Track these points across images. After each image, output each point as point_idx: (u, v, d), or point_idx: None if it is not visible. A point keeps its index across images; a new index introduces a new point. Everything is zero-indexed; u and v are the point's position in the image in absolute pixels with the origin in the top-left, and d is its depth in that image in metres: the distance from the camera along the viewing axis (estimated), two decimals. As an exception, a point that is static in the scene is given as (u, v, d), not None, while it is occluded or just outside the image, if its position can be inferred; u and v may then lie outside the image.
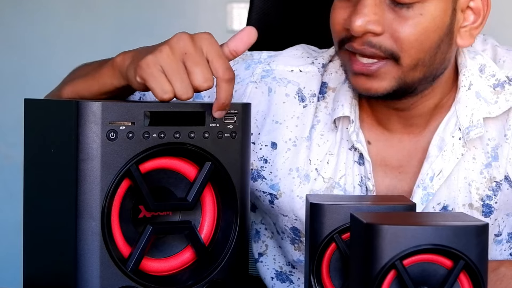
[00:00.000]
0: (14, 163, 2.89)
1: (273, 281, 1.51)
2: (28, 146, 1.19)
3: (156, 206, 1.08)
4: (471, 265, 0.94)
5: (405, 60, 1.25)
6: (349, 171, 1.37)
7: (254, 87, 1.41)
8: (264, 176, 1.41)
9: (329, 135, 1.38)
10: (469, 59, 1.35)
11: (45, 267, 1.15)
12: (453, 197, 1.35)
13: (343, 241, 1.07)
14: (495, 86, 1.35)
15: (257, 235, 1.52)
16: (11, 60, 2.99)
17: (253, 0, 1.73)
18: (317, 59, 1.43)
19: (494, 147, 1.34)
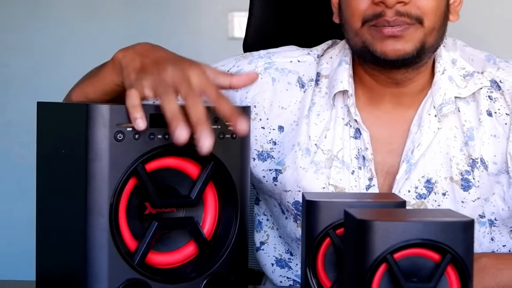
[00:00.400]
0: (27, 162, 2.89)
1: (273, 267, 1.53)
2: (40, 146, 1.19)
3: (161, 203, 1.08)
4: (457, 259, 0.94)
5: (427, 23, 1.33)
6: (346, 144, 1.40)
7: (260, 77, 1.43)
8: (273, 156, 1.45)
9: (325, 114, 1.42)
10: (444, 51, 1.41)
11: (57, 261, 1.15)
12: (435, 170, 1.38)
13: (337, 236, 1.07)
14: (465, 75, 1.40)
15: (260, 225, 1.54)
16: (24, 64, 2.98)
17: (252, 9, 1.74)
18: (312, 51, 1.48)
19: (470, 128, 1.38)
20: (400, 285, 0.94)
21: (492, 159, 1.37)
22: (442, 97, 1.37)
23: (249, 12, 1.74)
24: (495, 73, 1.39)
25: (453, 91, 1.38)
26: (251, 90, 1.43)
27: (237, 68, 1.46)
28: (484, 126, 1.37)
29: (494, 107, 1.38)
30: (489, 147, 1.37)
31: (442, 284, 0.96)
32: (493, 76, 1.39)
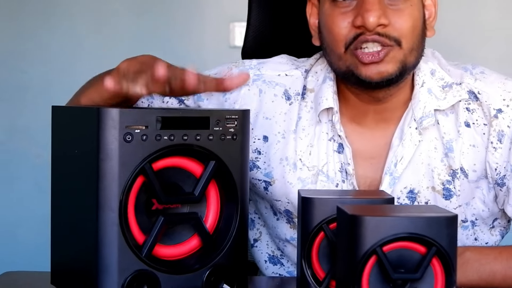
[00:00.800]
0: (43, 161, 2.89)
1: (266, 264, 1.52)
2: (55, 147, 1.19)
3: (167, 200, 1.08)
4: (442, 251, 0.94)
5: (405, 45, 1.30)
6: (330, 159, 1.38)
7: (247, 89, 1.41)
8: (259, 166, 1.42)
9: (309, 129, 1.40)
10: (422, 63, 1.38)
11: (70, 253, 1.15)
12: (418, 180, 1.36)
13: (330, 230, 1.07)
14: (443, 86, 1.37)
15: (252, 223, 1.53)
16: (40, 71, 2.99)
17: (249, 20, 1.74)
18: (300, 66, 1.45)
19: (450, 140, 1.35)
20: (388, 275, 0.94)
21: (472, 168, 1.36)
22: (422, 110, 1.35)
23: (247, 23, 1.74)
24: (473, 84, 1.36)
25: (432, 104, 1.35)
26: (239, 101, 1.41)
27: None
28: (463, 137, 1.35)
29: (472, 118, 1.36)
30: (468, 156, 1.36)
31: (428, 275, 0.96)
32: (470, 87, 1.36)
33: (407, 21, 1.29)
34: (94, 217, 1.04)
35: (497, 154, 1.35)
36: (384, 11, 1.27)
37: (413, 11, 1.30)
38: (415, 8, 1.31)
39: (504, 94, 1.35)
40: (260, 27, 1.74)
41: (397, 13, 1.29)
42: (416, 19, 1.31)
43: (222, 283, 1.11)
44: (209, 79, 1.11)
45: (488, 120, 1.35)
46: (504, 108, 1.34)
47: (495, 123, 1.34)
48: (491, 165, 1.35)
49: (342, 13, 1.29)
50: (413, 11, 1.30)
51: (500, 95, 1.35)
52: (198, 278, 1.09)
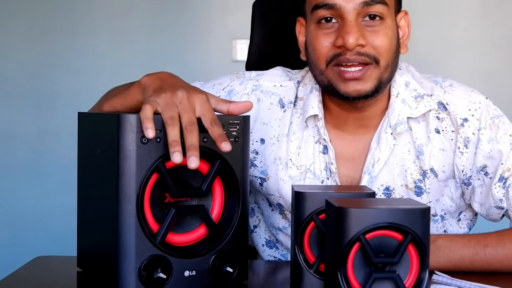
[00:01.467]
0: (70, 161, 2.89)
1: (264, 247, 1.52)
2: (80, 148, 1.19)
3: (178, 194, 1.08)
4: (417, 239, 0.95)
5: (382, 62, 1.29)
6: (316, 159, 1.38)
7: (247, 97, 1.41)
8: (256, 164, 1.42)
9: (299, 133, 1.40)
10: (398, 76, 1.38)
11: (93, 240, 1.15)
12: (393, 179, 1.36)
13: (320, 220, 1.07)
14: (416, 97, 1.36)
15: (252, 212, 1.54)
16: (67, 82, 2.99)
17: (252, 38, 1.74)
18: (293, 77, 1.44)
19: (420, 144, 1.35)
20: (370, 260, 0.94)
21: (441, 169, 1.36)
22: (396, 117, 1.34)
23: (250, 40, 1.75)
24: (442, 95, 1.36)
25: (405, 112, 1.34)
26: None
27: (230, 87, 1.43)
28: (433, 142, 1.35)
29: (442, 126, 1.35)
30: (438, 159, 1.35)
31: (404, 259, 0.96)
32: (440, 99, 1.35)
33: (383, 41, 1.29)
34: (115, 208, 1.04)
35: (463, 158, 1.34)
36: (362, 33, 1.27)
37: (388, 31, 1.30)
38: (389, 29, 1.30)
39: (469, 105, 1.35)
40: (261, 44, 1.74)
41: (373, 34, 1.28)
42: (391, 38, 1.30)
43: (226, 266, 1.11)
44: (221, 104, 1.10)
45: (455, 127, 1.35)
46: (469, 117, 1.34)
47: (462, 130, 1.34)
48: (459, 167, 1.35)
49: (325, 34, 1.29)
50: (388, 31, 1.30)
51: (466, 106, 1.35)
52: (205, 262, 1.09)
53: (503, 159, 1.32)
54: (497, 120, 1.34)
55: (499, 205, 1.34)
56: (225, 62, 2.95)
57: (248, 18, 1.77)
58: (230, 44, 2.96)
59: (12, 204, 3.01)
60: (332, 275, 0.95)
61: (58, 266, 1.25)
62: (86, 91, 2.86)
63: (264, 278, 1.24)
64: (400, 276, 0.95)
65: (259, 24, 1.75)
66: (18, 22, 2.98)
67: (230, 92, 1.42)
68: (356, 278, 0.95)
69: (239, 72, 1.48)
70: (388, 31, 1.30)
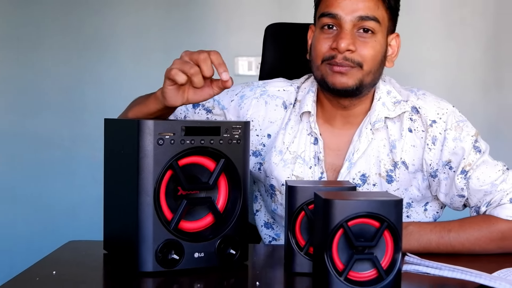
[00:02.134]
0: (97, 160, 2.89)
1: (262, 228, 1.54)
2: (106, 149, 1.19)
3: (188, 187, 1.08)
4: (391, 225, 0.95)
5: (365, 67, 1.31)
6: (307, 148, 1.39)
7: (256, 101, 1.43)
8: (261, 153, 1.44)
9: (295, 127, 1.41)
10: (382, 85, 1.39)
11: (117, 227, 1.15)
12: (368, 168, 1.37)
13: (309, 210, 1.07)
14: (395, 102, 1.38)
15: (256, 198, 1.55)
16: (95, 94, 2.98)
17: (264, 57, 1.77)
18: (294, 84, 1.46)
19: (394, 140, 1.36)
20: (352, 243, 0.94)
21: (412, 162, 1.36)
22: (376, 116, 1.36)
23: (262, 59, 1.78)
24: (416, 101, 1.37)
25: (384, 113, 1.36)
26: (250, 110, 1.43)
27: (242, 93, 1.45)
28: (405, 139, 1.36)
29: (414, 126, 1.36)
30: (409, 153, 1.36)
31: (381, 243, 0.96)
32: (414, 104, 1.37)
33: (369, 51, 1.30)
34: (135, 200, 1.04)
35: (431, 153, 1.35)
36: (354, 41, 1.29)
37: (376, 45, 1.31)
38: (378, 43, 1.32)
39: (438, 110, 1.36)
40: (272, 62, 1.78)
41: (363, 44, 1.30)
42: (377, 51, 1.32)
43: (230, 248, 1.11)
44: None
45: (425, 127, 1.35)
46: (437, 120, 1.35)
47: (430, 130, 1.35)
48: (427, 161, 1.35)
49: (325, 38, 1.32)
50: (376, 45, 1.31)
51: (435, 110, 1.36)
52: (212, 245, 1.09)
53: (465, 155, 1.32)
54: (462, 124, 1.35)
55: (460, 193, 1.34)
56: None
57: (247, 38, 1.78)
58: (233, 60, 2.96)
59: (49, 197, 3.01)
60: (319, 257, 0.95)
61: (87, 249, 1.25)
62: (111, 101, 2.86)
63: (262, 259, 1.24)
64: (377, 257, 0.95)
65: (271, 45, 1.78)
66: (54, 43, 2.99)
67: (242, 96, 1.44)
68: (340, 259, 0.95)
69: (248, 81, 1.49)
70: (376, 45, 1.31)
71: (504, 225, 1.26)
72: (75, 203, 3.00)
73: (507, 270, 1.06)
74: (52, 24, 2.99)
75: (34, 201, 3.02)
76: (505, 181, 1.31)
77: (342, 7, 1.30)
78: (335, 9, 1.30)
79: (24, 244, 3.00)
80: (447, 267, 0.98)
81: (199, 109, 1.45)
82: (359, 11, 1.29)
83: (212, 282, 1.05)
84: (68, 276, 1.06)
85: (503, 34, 2.95)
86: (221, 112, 1.45)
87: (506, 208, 1.28)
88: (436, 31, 2.96)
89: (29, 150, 3.02)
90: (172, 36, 2.98)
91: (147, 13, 2.97)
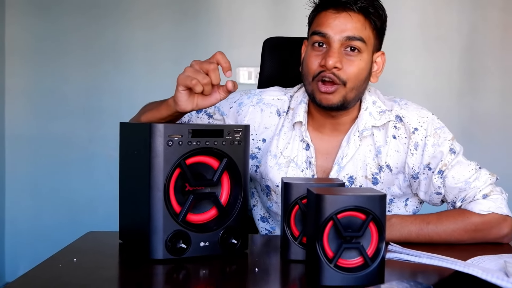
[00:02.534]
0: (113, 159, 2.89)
1: (259, 221, 1.53)
2: (121, 149, 1.19)
3: (195, 184, 1.08)
4: (376, 218, 0.94)
5: (349, 85, 1.29)
6: (299, 153, 1.39)
7: (253, 108, 1.42)
8: (257, 156, 1.43)
9: (288, 133, 1.40)
10: (368, 96, 1.38)
11: (131, 219, 1.15)
12: (356, 170, 1.36)
13: (303, 204, 1.07)
14: (380, 112, 1.37)
15: (253, 195, 1.54)
16: (111, 99, 2.98)
17: (262, 67, 1.77)
18: (287, 93, 1.45)
19: (379, 146, 1.35)
20: (341, 234, 0.94)
21: (395, 165, 1.36)
22: (364, 125, 1.35)
23: (260, 69, 1.77)
24: (399, 111, 1.36)
25: (370, 122, 1.35)
26: (247, 116, 1.42)
27: (240, 100, 1.44)
28: (390, 145, 1.35)
29: (398, 133, 1.35)
30: (393, 158, 1.35)
31: (367, 233, 0.96)
32: (397, 113, 1.36)
33: (354, 69, 1.29)
34: (147, 195, 1.04)
35: (413, 158, 1.34)
36: (341, 59, 1.28)
37: (361, 63, 1.30)
38: (363, 62, 1.30)
39: (419, 119, 1.35)
40: (268, 72, 1.78)
41: (349, 62, 1.29)
42: (362, 69, 1.30)
43: (231, 238, 1.11)
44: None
45: (408, 134, 1.35)
46: (419, 127, 1.34)
47: (413, 137, 1.34)
48: (409, 165, 1.35)
49: (315, 55, 1.31)
50: (361, 63, 1.30)
51: (416, 119, 1.35)
52: (216, 235, 1.09)
53: (443, 158, 1.33)
54: (439, 131, 1.35)
55: (438, 191, 1.34)
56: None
57: (247, 51, 1.78)
58: (235, 70, 2.96)
59: (70, 192, 3.01)
60: (312, 246, 0.95)
61: (104, 239, 1.25)
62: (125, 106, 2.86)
63: (260, 248, 1.24)
64: (363, 246, 0.95)
65: (268, 56, 1.78)
66: (75, 55, 2.99)
67: (240, 104, 1.43)
68: (330, 248, 0.95)
69: (246, 90, 1.49)
70: (361, 63, 1.30)
71: (477, 218, 1.26)
72: (93, 197, 3.00)
73: (479, 258, 1.06)
74: (74, 37, 2.99)
75: (57, 196, 3.02)
76: (477, 179, 1.31)
77: (332, 27, 1.29)
78: (325, 28, 1.29)
79: (47, 234, 3.00)
80: (425, 255, 0.98)
81: (202, 114, 1.45)
82: (347, 32, 1.28)
83: (216, 268, 1.05)
84: (87, 263, 1.06)
85: (475, 48, 2.96)
86: (221, 118, 1.44)
87: (479, 204, 1.28)
88: (416, 46, 2.96)
89: (52, 150, 3.02)
90: (181, 49, 2.98)
91: (158, 28, 2.98)
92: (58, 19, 2.98)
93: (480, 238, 1.26)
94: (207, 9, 2.97)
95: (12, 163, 3.02)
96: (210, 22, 2.97)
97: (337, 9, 1.29)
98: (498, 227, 1.26)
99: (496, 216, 1.27)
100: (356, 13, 1.29)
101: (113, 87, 3.00)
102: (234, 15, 2.96)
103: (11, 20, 2.99)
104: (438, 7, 2.96)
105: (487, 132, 2.97)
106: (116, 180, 1.19)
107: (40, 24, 2.99)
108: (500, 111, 2.97)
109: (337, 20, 1.29)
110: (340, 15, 1.29)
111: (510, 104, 2.97)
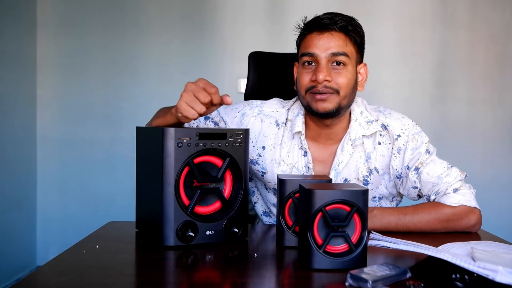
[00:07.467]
0: (131, 159, 2.89)
1: (262, 216, 1.52)
2: (137, 150, 1.18)
3: (202, 180, 1.07)
4: (359, 210, 0.94)
5: (341, 93, 1.29)
6: (299, 159, 1.38)
7: (254, 119, 1.41)
8: (259, 163, 1.42)
9: (288, 143, 1.39)
10: (355, 107, 1.37)
11: (146, 210, 1.14)
12: (349, 174, 1.35)
13: (295, 198, 1.07)
14: (367, 122, 1.36)
15: (253, 193, 1.53)
16: (129, 106, 2.98)
17: (248, 78, 1.75)
18: (285, 106, 1.44)
19: (369, 152, 1.35)
20: (329, 223, 0.94)
21: (381, 167, 1.35)
22: (355, 135, 1.34)
23: (247, 79, 1.76)
24: (384, 120, 1.36)
25: (360, 132, 1.35)
26: (249, 125, 1.41)
27: (243, 111, 1.43)
28: (377, 150, 1.35)
29: (383, 140, 1.35)
30: (379, 161, 1.35)
31: (351, 223, 0.95)
32: (383, 122, 1.35)
33: (343, 80, 1.28)
34: (160, 190, 1.04)
35: (396, 160, 1.34)
36: (329, 73, 1.27)
37: (348, 74, 1.29)
38: (349, 73, 1.29)
39: (401, 126, 1.35)
40: (254, 82, 1.75)
41: (337, 74, 1.28)
42: (350, 79, 1.30)
43: (234, 227, 1.10)
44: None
45: (392, 141, 1.35)
46: (401, 134, 1.34)
47: (396, 143, 1.34)
48: (393, 166, 1.35)
49: (306, 72, 1.30)
50: (348, 74, 1.29)
51: (399, 126, 1.35)
52: (220, 225, 1.09)
53: (419, 157, 1.33)
54: (417, 135, 1.35)
55: (414, 185, 1.34)
56: (233, 93, 2.95)
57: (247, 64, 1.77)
58: (236, 81, 2.96)
59: (93, 188, 3.00)
60: (303, 234, 0.95)
61: (123, 228, 1.24)
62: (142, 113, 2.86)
63: (259, 236, 1.24)
64: (348, 234, 0.95)
65: (253, 68, 1.76)
66: (98, 69, 2.99)
67: (243, 114, 1.42)
68: (320, 236, 0.94)
69: (249, 101, 1.48)
70: (348, 74, 1.29)
71: (449, 210, 1.26)
72: (113, 192, 2.99)
73: (449, 245, 1.06)
74: (97, 53, 2.99)
75: (82, 191, 3.01)
76: (449, 175, 1.31)
77: (318, 46, 1.28)
78: (313, 49, 1.29)
79: (73, 224, 2.99)
80: (403, 242, 0.98)
81: (209, 121, 1.44)
82: (331, 49, 1.28)
83: (220, 253, 1.04)
84: (108, 248, 1.05)
85: (445, 63, 2.96)
86: (225, 126, 1.44)
87: (451, 197, 1.28)
88: (394, 60, 2.97)
89: (78, 151, 3.01)
90: (190, 63, 2.98)
91: (170, 45, 2.98)
92: (83, 37, 2.99)
93: (452, 227, 1.26)
94: (212, 28, 2.98)
95: (42, 162, 3.02)
96: (215, 40, 2.98)
97: (320, 30, 1.29)
98: (467, 218, 1.26)
99: (466, 208, 1.26)
100: (337, 32, 1.29)
101: (131, 96, 3.00)
102: (236, 33, 2.96)
103: (42, 37, 2.99)
104: (414, 27, 2.96)
105: (455, 135, 2.97)
106: (133, 177, 1.19)
107: (67, 41, 2.99)
108: (467, 117, 2.98)
109: (321, 40, 1.28)
110: (323, 35, 1.29)
111: (475, 111, 2.98)
